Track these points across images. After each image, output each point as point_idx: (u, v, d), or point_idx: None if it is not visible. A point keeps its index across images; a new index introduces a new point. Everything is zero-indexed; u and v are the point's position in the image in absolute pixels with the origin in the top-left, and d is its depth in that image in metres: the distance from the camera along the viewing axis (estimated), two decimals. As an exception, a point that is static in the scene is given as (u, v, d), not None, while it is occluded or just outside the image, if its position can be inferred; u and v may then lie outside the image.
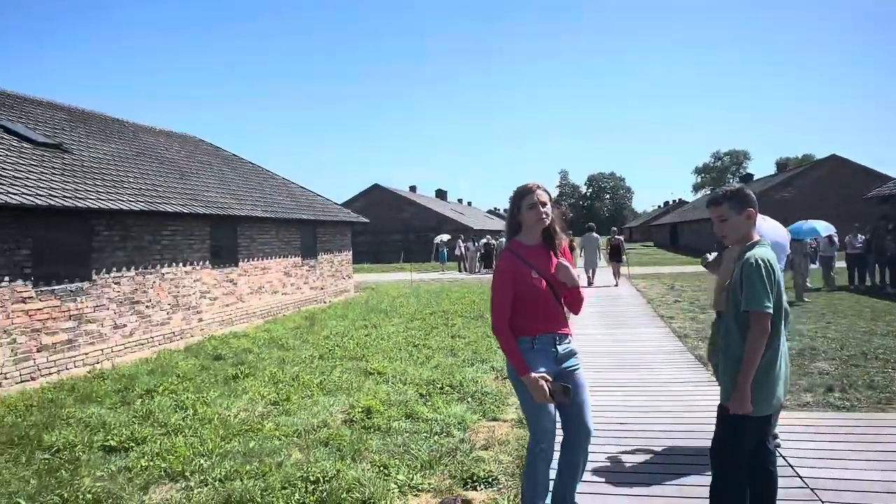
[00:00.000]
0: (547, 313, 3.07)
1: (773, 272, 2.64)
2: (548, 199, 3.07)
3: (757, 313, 2.58)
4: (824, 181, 34.69)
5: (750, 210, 2.79)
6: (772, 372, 2.66)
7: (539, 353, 3.03)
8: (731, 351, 2.73)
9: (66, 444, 4.86)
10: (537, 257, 3.08)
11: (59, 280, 7.92)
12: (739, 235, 2.82)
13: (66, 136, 10.72)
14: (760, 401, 2.64)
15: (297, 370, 7.41)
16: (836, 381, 6.03)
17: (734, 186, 2.91)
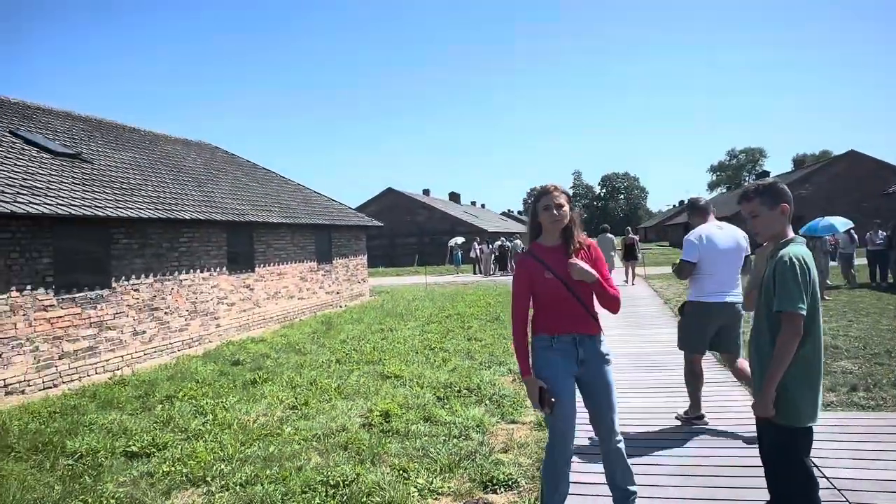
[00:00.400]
0: (565, 313, 3.07)
1: (809, 271, 2.50)
2: (565, 201, 3.08)
3: (790, 314, 2.45)
4: (842, 177, 34.28)
5: (784, 205, 2.65)
6: (812, 372, 2.53)
7: (558, 352, 3.07)
8: (763, 355, 2.61)
9: (89, 450, 4.91)
10: (554, 258, 3.08)
11: (80, 288, 8.02)
12: (773, 232, 2.69)
13: (85, 146, 10.87)
14: (806, 406, 2.51)
15: (315, 374, 7.44)
16: (860, 381, 5.94)
17: (767, 181, 2.76)
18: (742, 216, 2.80)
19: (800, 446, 2.55)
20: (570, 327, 3.08)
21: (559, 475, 3.13)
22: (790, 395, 2.50)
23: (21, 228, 7.22)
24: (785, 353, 2.46)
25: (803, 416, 2.52)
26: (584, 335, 3.10)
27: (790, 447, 2.54)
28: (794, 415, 2.51)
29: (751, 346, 2.75)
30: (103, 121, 13.62)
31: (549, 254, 3.10)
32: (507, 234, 39.36)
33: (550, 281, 3.05)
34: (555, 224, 3.07)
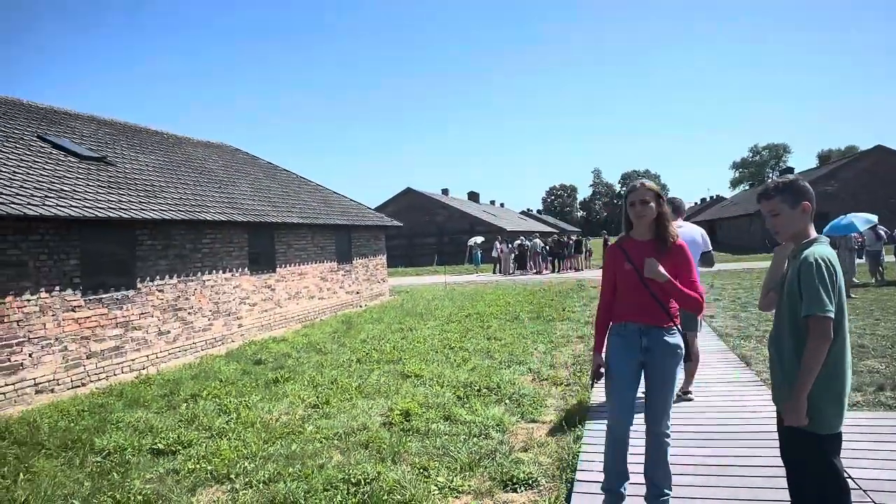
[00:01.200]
0: (636, 303, 3.27)
1: (835, 272, 2.39)
2: (651, 198, 3.24)
3: (818, 318, 2.34)
4: (869, 173, 33.65)
5: (805, 203, 2.52)
6: (837, 381, 2.42)
7: (623, 339, 3.31)
8: (785, 361, 2.51)
9: (117, 448, 5.02)
10: (639, 251, 3.27)
11: (106, 289, 8.19)
12: (794, 231, 2.57)
13: (110, 150, 11.08)
14: (831, 416, 2.41)
15: (336, 374, 7.51)
16: (887, 380, 5.84)
17: (788, 178, 2.64)
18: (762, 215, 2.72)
19: (828, 450, 2.44)
20: (636, 316, 3.27)
21: (616, 454, 3.35)
22: (814, 402, 2.39)
23: (49, 231, 7.39)
24: (815, 358, 2.35)
25: (827, 424, 2.42)
26: (650, 325, 3.24)
27: (817, 452, 2.44)
28: (819, 422, 2.41)
29: (770, 349, 2.65)
30: (127, 124, 13.87)
31: (637, 247, 3.29)
32: (526, 233, 39.22)
33: (628, 272, 3.28)
34: (639, 220, 3.28)
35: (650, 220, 3.25)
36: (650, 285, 3.22)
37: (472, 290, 18.95)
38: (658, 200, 3.25)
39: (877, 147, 34.72)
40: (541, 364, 7.50)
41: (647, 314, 3.24)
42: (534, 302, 14.43)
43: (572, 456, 4.29)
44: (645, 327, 3.25)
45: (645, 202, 3.23)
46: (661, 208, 3.26)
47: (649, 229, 3.29)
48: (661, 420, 3.25)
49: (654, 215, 3.25)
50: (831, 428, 2.43)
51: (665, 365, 3.23)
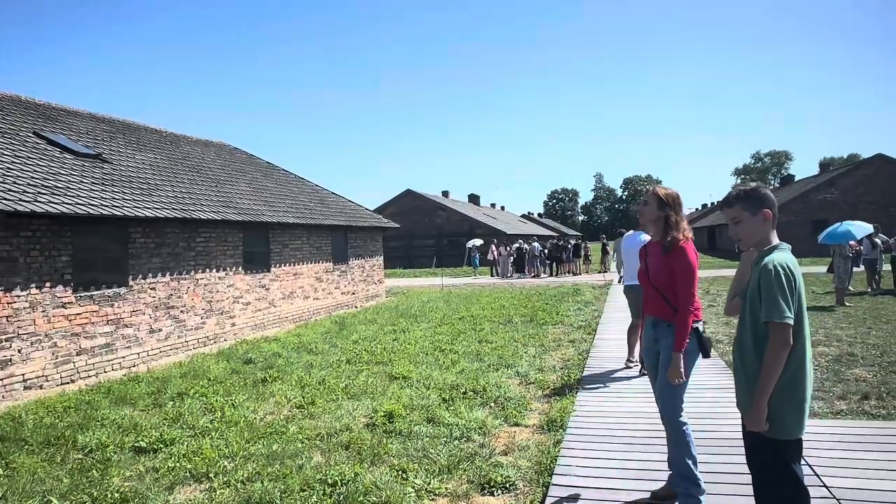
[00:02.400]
0: (648, 297, 3.65)
1: (794, 279, 2.42)
2: (649, 199, 3.59)
3: (776, 324, 2.37)
4: (869, 181, 33.60)
5: (766, 211, 2.56)
6: (798, 387, 2.44)
7: (646, 331, 3.69)
8: (747, 366, 2.53)
9: (99, 445, 5.03)
10: (653, 251, 3.62)
11: (98, 286, 8.20)
12: (756, 238, 2.60)
13: (106, 147, 11.11)
14: (791, 422, 2.43)
15: (324, 374, 7.51)
16: (873, 389, 5.83)
17: (749, 185, 2.66)
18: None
19: (787, 456, 2.47)
20: (650, 310, 3.63)
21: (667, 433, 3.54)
22: (774, 408, 2.42)
23: (41, 227, 7.41)
24: (775, 364, 2.38)
25: (788, 429, 2.44)
26: (658, 318, 3.55)
27: (777, 457, 2.47)
28: (779, 428, 2.43)
29: (734, 355, 2.66)
30: (125, 122, 13.90)
31: (653, 247, 3.65)
32: (525, 236, 39.22)
33: (641, 269, 3.67)
34: (640, 219, 3.73)
35: (649, 220, 3.61)
36: (654, 280, 3.53)
37: (469, 293, 18.95)
38: (659, 204, 3.54)
39: (877, 156, 34.64)
40: (529, 368, 7.50)
41: (656, 308, 3.56)
42: (528, 305, 14.42)
43: (551, 460, 4.29)
44: (655, 320, 3.58)
45: (644, 202, 3.63)
46: (665, 212, 3.53)
47: (657, 231, 3.61)
48: (664, 409, 3.44)
49: (651, 216, 3.58)
50: (791, 433, 2.45)
51: (668, 357, 3.40)
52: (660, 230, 3.58)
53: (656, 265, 3.55)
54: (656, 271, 3.54)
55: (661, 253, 3.51)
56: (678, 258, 3.43)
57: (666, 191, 3.59)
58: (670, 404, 3.41)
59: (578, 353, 8.39)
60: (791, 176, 51.81)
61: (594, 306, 13.98)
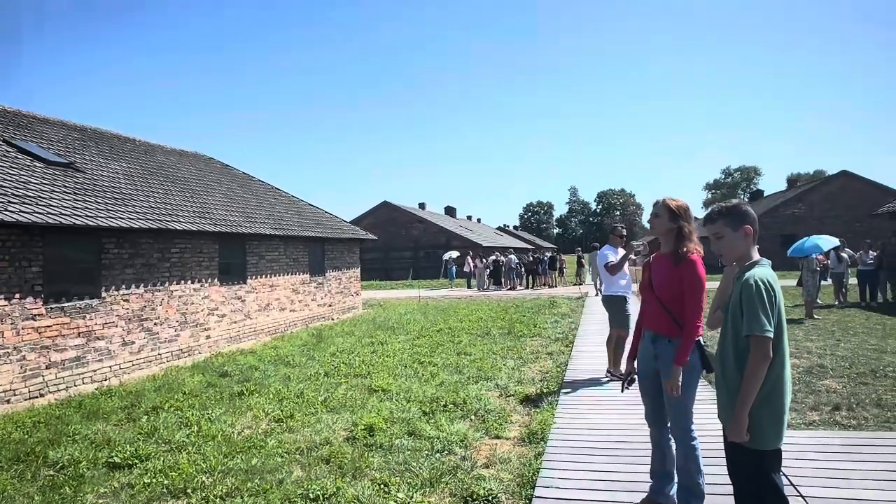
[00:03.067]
0: (650, 312, 3.55)
1: (774, 293, 2.49)
2: (661, 211, 3.51)
3: (758, 338, 2.43)
4: (835, 197, 34.54)
5: (747, 227, 2.63)
6: (776, 399, 2.49)
7: (643, 346, 3.62)
8: (729, 379, 2.58)
9: (71, 461, 4.90)
10: (660, 264, 3.54)
11: (69, 297, 8.02)
12: (737, 254, 2.66)
13: (78, 155, 10.91)
14: (770, 432, 2.49)
15: (302, 387, 7.43)
16: (843, 400, 5.97)
17: (730, 202, 2.74)
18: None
19: (767, 466, 2.53)
20: (650, 324, 3.55)
21: (653, 448, 3.60)
22: (754, 419, 2.48)
23: (11, 237, 7.23)
24: (755, 377, 2.43)
25: (766, 440, 2.49)
26: (658, 334, 3.48)
27: (757, 467, 2.53)
28: (759, 438, 2.49)
29: (716, 367, 2.73)
30: (99, 130, 13.67)
31: (660, 260, 3.56)
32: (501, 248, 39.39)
33: (646, 281, 3.58)
34: (652, 231, 3.61)
35: (660, 231, 3.52)
36: (660, 294, 3.44)
37: (446, 305, 18.95)
38: (672, 216, 3.47)
39: (842, 172, 35.67)
40: (509, 380, 7.52)
41: (658, 323, 3.48)
42: (506, 318, 14.47)
43: (533, 473, 4.31)
44: (654, 335, 3.50)
45: (655, 214, 3.54)
46: (678, 223, 3.46)
47: (667, 243, 3.52)
48: (674, 426, 3.41)
49: (663, 228, 3.49)
50: (771, 444, 2.51)
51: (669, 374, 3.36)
52: (671, 242, 3.49)
53: (663, 277, 3.46)
54: (662, 284, 3.45)
55: (670, 265, 3.44)
56: (689, 270, 3.37)
57: (677, 202, 3.50)
58: (681, 420, 3.38)
59: (557, 365, 8.43)
60: (760, 191, 53.00)
61: (571, 318, 14.08)
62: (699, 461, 3.38)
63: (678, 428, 3.40)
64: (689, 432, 3.38)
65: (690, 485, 3.38)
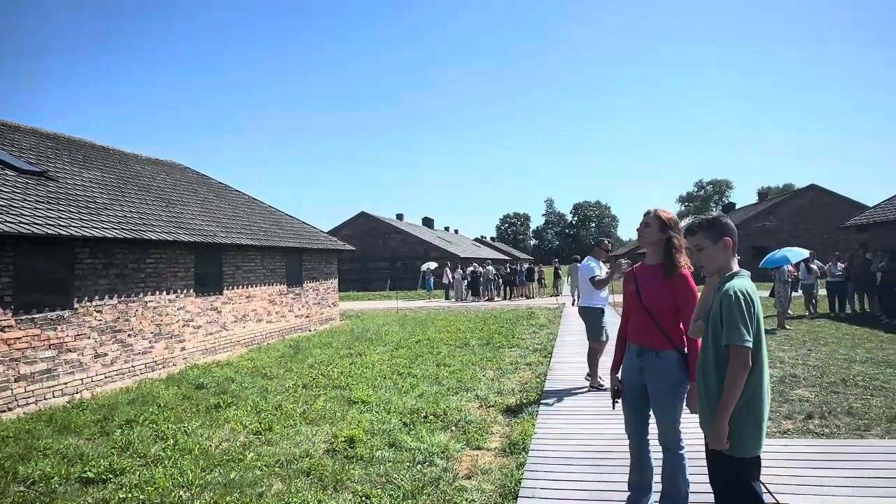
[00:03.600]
0: (636, 323, 3.50)
1: (753, 304, 2.54)
2: (651, 221, 3.46)
3: (737, 347, 2.47)
4: (804, 210, 35.37)
5: (727, 239, 2.68)
6: (756, 407, 2.54)
7: (628, 358, 3.55)
8: (710, 388, 2.62)
9: (42, 476, 4.77)
10: (647, 274, 3.49)
11: (40, 308, 7.84)
12: (717, 265, 2.72)
13: (51, 164, 10.70)
14: (750, 440, 2.53)
15: (280, 399, 7.35)
16: (815, 408, 6.10)
17: (711, 215, 2.81)
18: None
19: (747, 473, 2.57)
20: (636, 337, 3.49)
21: (632, 460, 3.58)
22: (734, 427, 2.53)
23: (-19, 247, 7.06)
24: (735, 385, 2.48)
25: (747, 447, 2.54)
26: (644, 347, 3.43)
27: (737, 474, 2.58)
28: (738, 446, 2.54)
29: (697, 378, 2.76)
30: (71, 139, 13.44)
31: (646, 270, 3.51)
32: (479, 259, 39.51)
33: (631, 293, 3.52)
34: (640, 240, 3.55)
35: (650, 242, 3.47)
36: (649, 306, 3.39)
37: (424, 316, 18.92)
38: (662, 226, 3.43)
39: (811, 186, 36.59)
40: (488, 391, 7.53)
41: (644, 335, 3.43)
42: (484, 329, 14.50)
43: (515, 483, 4.31)
44: (640, 348, 3.45)
45: (645, 224, 3.48)
46: (667, 235, 3.42)
47: (655, 254, 3.47)
48: (665, 436, 3.41)
49: (652, 239, 3.45)
50: (750, 451, 2.55)
51: (658, 385, 3.36)
52: (660, 253, 3.45)
53: (652, 290, 3.41)
54: (651, 295, 3.40)
55: (660, 276, 3.40)
56: (682, 285, 3.35)
57: (668, 213, 3.47)
58: (672, 431, 3.39)
59: (536, 375, 8.47)
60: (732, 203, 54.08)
61: (549, 329, 14.16)
62: (686, 470, 3.41)
63: (668, 438, 3.40)
64: (678, 441, 3.41)
65: (675, 494, 3.41)
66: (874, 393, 6.71)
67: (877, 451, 4.71)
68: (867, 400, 6.40)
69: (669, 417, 3.38)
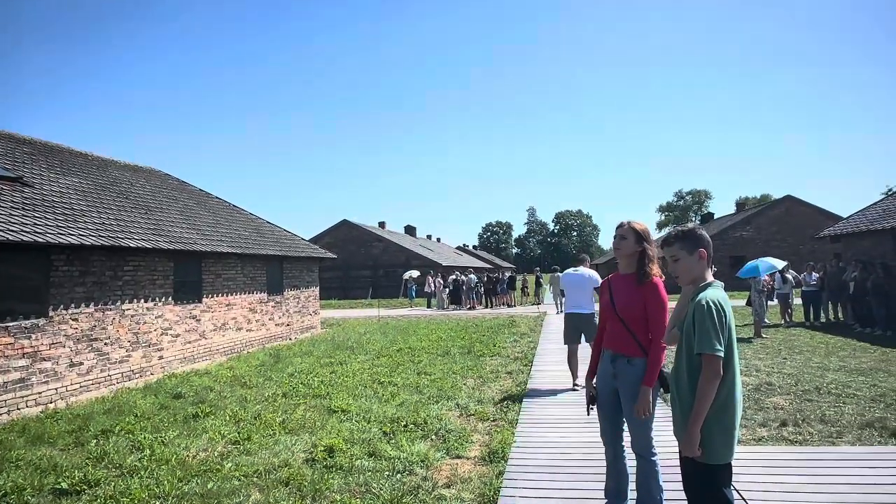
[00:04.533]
0: (610, 331, 3.62)
1: (725, 314, 2.59)
2: (626, 233, 3.56)
3: (708, 356, 2.54)
4: (780, 220, 35.95)
5: (702, 250, 2.75)
6: (727, 415, 2.59)
7: (602, 365, 3.65)
8: (683, 396, 2.68)
9: (15, 488, 4.69)
10: (620, 284, 3.59)
11: (14, 316, 7.71)
12: (692, 276, 2.78)
13: (27, 169, 10.56)
14: (721, 447, 2.59)
15: (260, 409, 7.30)
16: (790, 416, 6.20)
17: (687, 226, 2.86)
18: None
19: (718, 479, 2.63)
20: (610, 344, 3.60)
21: (608, 467, 3.67)
22: (705, 434, 2.58)
23: (-47, 253, 6.94)
24: (706, 394, 2.53)
25: (718, 455, 2.59)
26: (617, 353, 3.53)
27: (709, 481, 2.63)
28: (710, 453, 2.59)
29: (671, 387, 2.84)
30: (48, 144, 13.26)
31: (620, 280, 3.61)
32: (461, 268, 39.56)
33: (606, 301, 3.63)
34: (616, 252, 3.65)
35: (626, 254, 3.57)
36: (623, 315, 3.50)
37: (406, 324, 18.89)
38: (637, 238, 3.54)
39: (786, 197, 37.24)
40: (469, 399, 7.54)
41: (618, 342, 3.53)
42: (465, 337, 14.51)
43: (494, 492, 4.33)
44: (614, 355, 3.55)
45: (621, 237, 3.58)
46: (642, 247, 3.54)
47: (629, 265, 3.59)
48: (636, 443, 3.48)
49: (629, 250, 3.55)
50: (722, 458, 2.61)
51: (630, 392, 3.44)
52: (633, 263, 3.57)
53: (625, 298, 3.51)
54: (625, 305, 3.50)
55: (633, 285, 3.51)
56: (652, 292, 3.45)
57: (641, 225, 3.59)
58: (643, 437, 3.45)
59: (516, 384, 8.50)
60: (711, 214, 54.76)
61: (530, 338, 14.22)
62: (659, 477, 3.47)
63: (639, 445, 3.47)
64: (650, 448, 3.47)
65: (649, 500, 3.45)
66: (846, 401, 6.84)
67: (849, 458, 4.80)
68: (840, 408, 6.52)
69: (640, 424, 3.44)
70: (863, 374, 8.40)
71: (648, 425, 3.46)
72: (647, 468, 3.46)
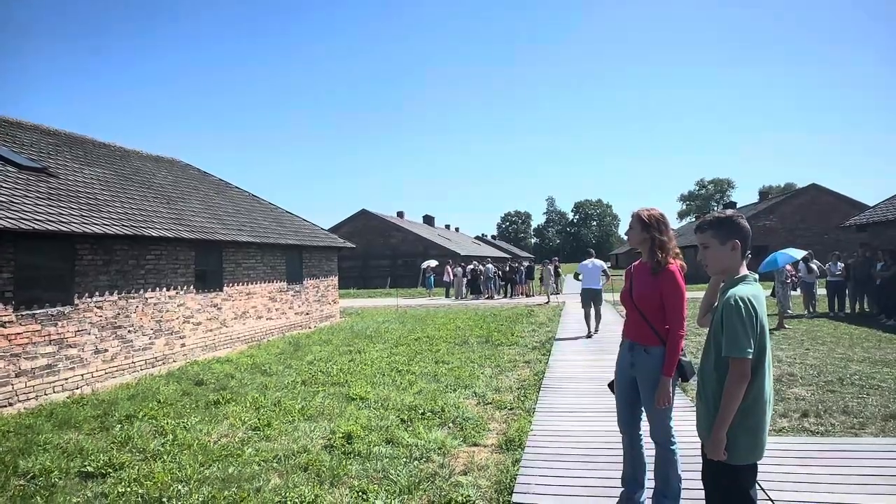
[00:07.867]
0: (630, 320, 3.62)
1: (755, 313, 2.41)
2: (633, 223, 3.56)
3: (736, 360, 2.38)
4: (805, 209, 35.33)
5: (735, 241, 2.54)
6: (753, 417, 2.45)
7: (621, 354, 3.68)
8: (709, 395, 2.55)
9: (43, 471, 4.81)
10: (639, 273, 3.59)
11: (41, 304, 7.88)
12: (721, 267, 2.60)
13: (52, 160, 10.74)
14: (746, 448, 2.46)
15: (279, 396, 7.39)
16: (811, 407, 6.12)
17: (725, 213, 2.63)
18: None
19: (742, 480, 2.50)
20: (629, 333, 3.60)
21: (625, 454, 3.68)
22: (730, 434, 2.45)
23: (-18, 242, 7.09)
24: (733, 397, 2.40)
25: (742, 456, 2.47)
26: (635, 342, 3.53)
27: (732, 482, 2.51)
28: (734, 454, 2.46)
29: (697, 383, 2.70)
30: (73, 135, 13.47)
31: (640, 269, 3.61)
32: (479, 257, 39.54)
33: (625, 290, 3.64)
34: (629, 243, 3.66)
35: (635, 243, 3.57)
36: (639, 304, 3.47)
37: (424, 314, 18.96)
38: (643, 226, 3.49)
39: (812, 185, 36.56)
40: (486, 388, 7.56)
41: (636, 332, 3.52)
42: (483, 326, 14.53)
43: (510, 479, 4.35)
44: (632, 344, 3.54)
45: (630, 227, 3.60)
46: (649, 234, 3.47)
47: (645, 253, 3.56)
48: (655, 431, 3.46)
49: (637, 239, 3.54)
50: (746, 459, 2.48)
51: (647, 381, 3.42)
52: (646, 252, 3.53)
53: (642, 287, 3.48)
54: (641, 294, 3.47)
55: (649, 275, 3.46)
56: (666, 281, 3.37)
57: (649, 212, 3.51)
58: (662, 426, 3.42)
59: (534, 373, 8.50)
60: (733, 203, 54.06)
61: (548, 328, 14.19)
62: (678, 466, 3.44)
63: (658, 433, 3.45)
64: (669, 437, 3.45)
65: (667, 489, 3.44)
66: (870, 392, 6.73)
67: (871, 449, 4.73)
68: (863, 399, 6.43)
69: (660, 413, 3.42)
70: (888, 366, 8.26)
71: (668, 414, 3.43)
72: (665, 457, 3.44)
